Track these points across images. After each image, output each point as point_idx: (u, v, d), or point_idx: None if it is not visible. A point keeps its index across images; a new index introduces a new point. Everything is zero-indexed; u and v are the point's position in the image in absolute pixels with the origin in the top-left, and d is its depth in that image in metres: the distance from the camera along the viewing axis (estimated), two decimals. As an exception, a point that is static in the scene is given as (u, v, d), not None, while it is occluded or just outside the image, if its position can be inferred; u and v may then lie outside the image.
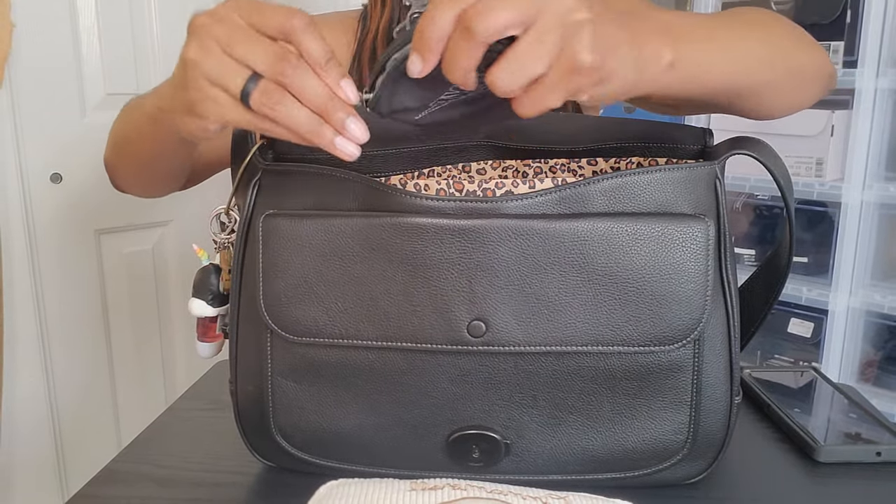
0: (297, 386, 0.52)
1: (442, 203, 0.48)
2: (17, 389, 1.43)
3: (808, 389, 0.72)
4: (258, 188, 0.52)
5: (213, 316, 0.57)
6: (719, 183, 0.51)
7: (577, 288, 0.48)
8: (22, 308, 1.41)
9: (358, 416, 0.52)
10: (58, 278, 1.45)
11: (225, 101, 0.45)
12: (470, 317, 0.48)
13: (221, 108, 0.45)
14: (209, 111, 0.46)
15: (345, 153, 0.45)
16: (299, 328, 0.50)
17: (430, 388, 0.50)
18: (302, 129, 0.44)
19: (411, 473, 0.53)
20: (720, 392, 0.52)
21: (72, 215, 1.43)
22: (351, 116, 0.44)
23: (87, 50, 1.41)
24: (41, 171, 1.39)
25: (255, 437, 0.56)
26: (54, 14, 1.36)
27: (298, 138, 0.45)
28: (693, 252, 0.48)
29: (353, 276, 0.49)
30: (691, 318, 0.49)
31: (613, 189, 0.49)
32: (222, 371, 0.78)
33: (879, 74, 1.47)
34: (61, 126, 1.39)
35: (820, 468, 0.58)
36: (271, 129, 0.45)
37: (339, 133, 0.44)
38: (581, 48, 0.40)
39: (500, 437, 0.52)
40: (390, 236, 0.48)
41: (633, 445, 0.52)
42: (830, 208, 1.57)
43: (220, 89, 0.45)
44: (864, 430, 0.62)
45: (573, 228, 0.48)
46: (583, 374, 0.50)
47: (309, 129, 0.44)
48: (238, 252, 0.52)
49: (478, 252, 0.48)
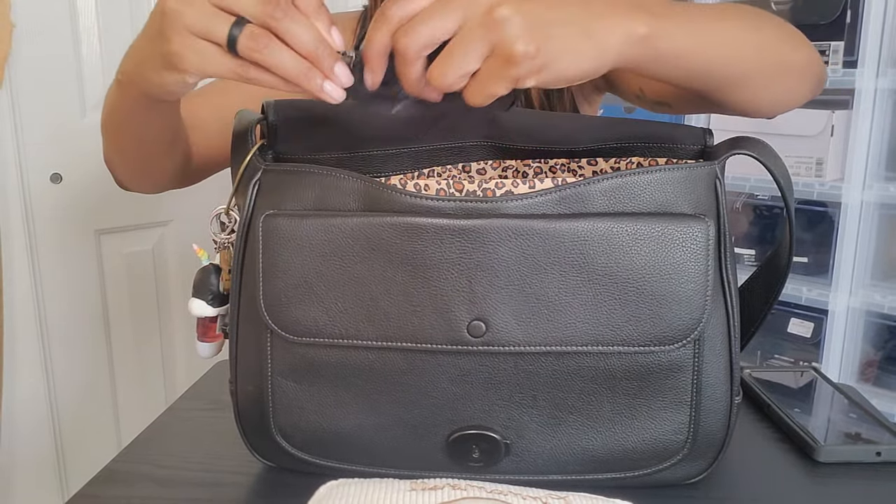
0: (297, 386, 0.52)
1: (442, 203, 0.48)
2: (17, 389, 1.43)
3: (808, 389, 0.72)
4: (258, 188, 0.52)
5: (213, 316, 0.57)
6: (719, 183, 0.51)
7: (577, 288, 0.48)
8: (22, 308, 1.41)
9: (358, 416, 0.52)
10: (58, 278, 1.45)
11: (208, 50, 0.44)
12: (470, 317, 0.48)
13: (204, 59, 0.45)
14: (191, 63, 0.45)
15: (333, 97, 0.45)
16: (299, 328, 0.50)
17: (430, 388, 0.50)
18: (291, 73, 0.44)
19: (411, 473, 0.53)
20: (720, 392, 0.52)
21: (72, 215, 1.43)
22: (338, 61, 0.45)
23: (87, 50, 1.41)
24: (41, 171, 1.39)
25: (255, 437, 0.56)
26: (54, 14, 1.36)
27: (285, 84, 0.45)
28: (693, 252, 0.48)
29: (353, 276, 0.49)
30: (691, 318, 0.49)
31: (613, 189, 0.49)
32: (222, 371, 0.78)
33: (879, 74, 1.47)
34: (61, 126, 1.39)
35: (820, 468, 0.58)
36: (257, 77, 0.45)
37: (326, 78, 0.45)
38: (509, 40, 0.42)
39: (500, 437, 0.52)
40: (390, 236, 0.48)
41: (633, 445, 0.52)
42: (830, 208, 1.57)
43: (204, 38, 0.44)
44: (864, 430, 0.62)
45: (573, 228, 0.48)
46: (583, 374, 0.50)
47: (297, 72, 0.44)
48: (238, 252, 0.52)
49: (478, 252, 0.48)
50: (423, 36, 0.43)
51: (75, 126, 1.41)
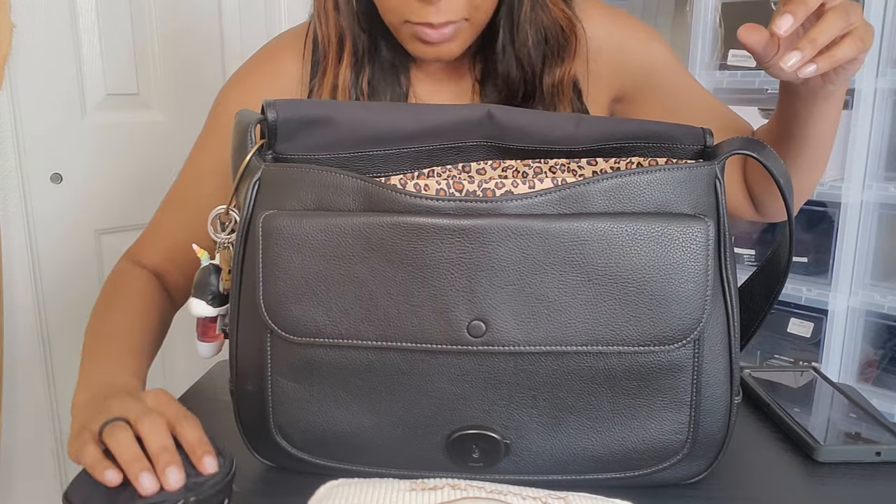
0: (297, 386, 0.52)
1: (442, 203, 0.48)
2: (17, 389, 1.43)
3: (808, 389, 0.72)
4: (258, 188, 0.52)
5: (213, 316, 0.57)
6: (719, 183, 0.51)
7: (576, 288, 0.48)
8: (22, 308, 1.41)
9: (358, 416, 0.52)
10: (58, 278, 1.45)
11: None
12: (470, 317, 0.48)
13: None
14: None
15: (144, 488, 0.47)
16: (299, 328, 0.50)
17: (430, 388, 0.50)
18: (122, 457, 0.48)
19: (411, 473, 0.53)
20: (720, 392, 0.52)
21: (72, 215, 1.43)
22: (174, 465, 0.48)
23: (87, 50, 1.41)
24: (41, 171, 1.39)
25: (255, 437, 0.56)
26: (54, 14, 1.36)
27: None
28: (693, 252, 0.48)
29: (353, 276, 0.49)
30: (691, 318, 0.49)
31: (613, 189, 0.49)
32: (222, 371, 0.78)
33: (879, 74, 1.47)
34: (61, 126, 1.39)
35: (820, 468, 0.58)
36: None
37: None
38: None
39: (499, 437, 0.52)
40: (390, 236, 0.48)
41: (632, 445, 0.52)
42: (830, 208, 1.57)
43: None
44: (863, 430, 0.62)
45: (573, 228, 0.48)
46: (582, 373, 0.50)
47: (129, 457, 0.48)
48: (238, 252, 0.52)
49: (478, 252, 0.48)
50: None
51: (75, 126, 1.41)
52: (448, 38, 0.70)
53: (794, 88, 0.68)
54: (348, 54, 0.76)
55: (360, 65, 0.77)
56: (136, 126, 1.45)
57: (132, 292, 0.75)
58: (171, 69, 1.49)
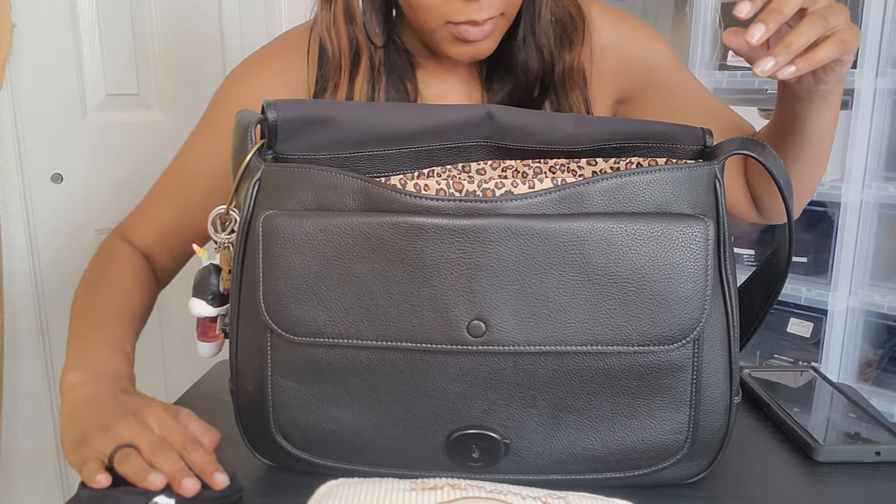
0: (297, 386, 0.52)
1: (442, 203, 0.48)
2: (17, 389, 1.43)
3: (808, 389, 0.72)
4: (258, 188, 0.52)
5: (213, 316, 0.57)
6: (719, 183, 0.51)
7: (576, 288, 0.48)
8: (22, 308, 1.41)
9: (358, 416, 0.52)
10: (58, 278, 1.45)
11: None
12: (470, 317, 0.48)
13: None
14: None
15: (186, 488, 0.50)
16: (299, 328, 0.50)
17: (430, 387, 0.50)
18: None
19: (411, 473, 0.53)
20: (719, 392, 0.52)
21: (72, 215, 1.43)
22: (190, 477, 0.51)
23: (87, 50, 1.41)
24: (41, 171, 1.39)
25: (255, 437, 0.56)
26: (55, 14, 1.36)
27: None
28: (692, 252, 0.48)
29: (353, 276, 0.49)
30: (690, 318, 0.49)
31: (613, 189, 0.49)
32: (222, 371, 0.78)
33: (879, 74, 1.47)
34: (61, 126, 1.39)
35: (819, 468, 0.58)
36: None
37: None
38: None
39: (499, 437, 0.52)
40: (390, 236, 0.48)
41: (632, 445, 0.52)
42: (830, 208, 1.57)
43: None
44: (863, 430, 0.62)
45: (573, 228, 0.48)
46: (582, 373, 0.50)
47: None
48: (238, 252, 0.52)
49: (477, 252, 0.48)
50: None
51: (75, 126, 1.41)
52: (488, 35, 0.70)
53: (791, 88, 0.68)
54: (364, 68, 0.75)
55: (377, 76, 0.76)
56: (136, 126, 1.45)
57: (120, 270, 0.77)
58: (172, 69, 1.49)
